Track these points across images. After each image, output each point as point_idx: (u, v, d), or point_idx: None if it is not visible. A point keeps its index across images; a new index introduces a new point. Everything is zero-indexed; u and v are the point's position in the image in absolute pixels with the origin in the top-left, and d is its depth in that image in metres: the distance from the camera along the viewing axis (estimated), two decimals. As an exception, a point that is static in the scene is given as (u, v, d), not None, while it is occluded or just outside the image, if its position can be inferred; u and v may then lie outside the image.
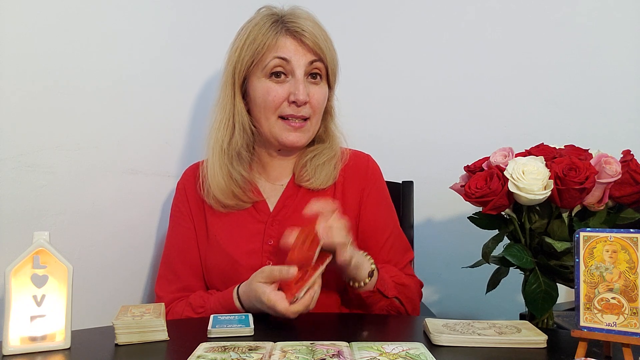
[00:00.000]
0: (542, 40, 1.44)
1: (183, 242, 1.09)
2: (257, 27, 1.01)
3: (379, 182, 1.12)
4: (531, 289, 0.88)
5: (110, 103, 1.11)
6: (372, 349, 0.70)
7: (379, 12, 1.57)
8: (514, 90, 1.47)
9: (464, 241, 1.21)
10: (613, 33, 1.40)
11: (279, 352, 0.69)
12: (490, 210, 0.89)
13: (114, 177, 1.13)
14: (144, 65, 1.20)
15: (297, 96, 0.99)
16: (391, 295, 0.97)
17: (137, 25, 1.17)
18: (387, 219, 1.11)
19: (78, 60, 1.03)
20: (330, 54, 1.04)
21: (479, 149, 1.03)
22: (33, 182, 0.95)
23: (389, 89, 1.56)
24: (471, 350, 0.73)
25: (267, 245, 1.03)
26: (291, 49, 1.00)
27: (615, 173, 0.85)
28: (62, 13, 0.99)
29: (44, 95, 0.96)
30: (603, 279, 0.66)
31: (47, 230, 0.76)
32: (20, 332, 0.73)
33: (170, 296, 1.05)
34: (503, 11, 1.47)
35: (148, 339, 0.77)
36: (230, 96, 1.05)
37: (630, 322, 0.64)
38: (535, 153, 0.92)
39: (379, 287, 0.95)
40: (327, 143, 1.11)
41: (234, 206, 1.06)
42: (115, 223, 1.14)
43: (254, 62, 1.02)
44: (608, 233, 0.66)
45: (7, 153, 0.90)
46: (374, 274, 0.94)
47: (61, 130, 1.00)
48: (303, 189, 1.08)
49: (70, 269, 0.75)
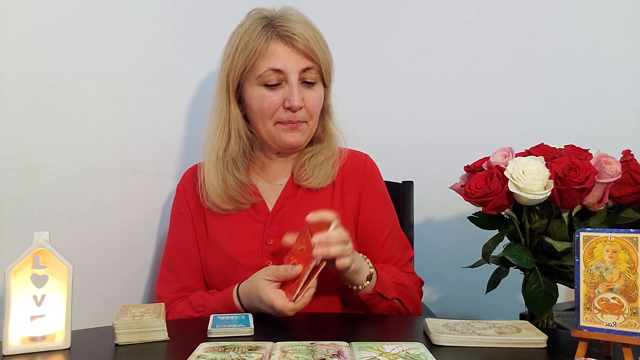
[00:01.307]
0: (542, 41, 1.44)
1: (183, 243, 1.09)
2: (248, 32, 1.01)
3: (378, 181, 1.12)
4: (531, 289, 0.88)
5: (110, 103, 1.11)
6: (372, 349, 0.70)
7: (379, 12, 1.57)
8: (513, 90, 1.47)
9: (464, 241, 1.21)
10: (613, 33, 1.40)
11: (279, 352, 0.69)
12: (490, 210, 0.89)
13: (114, 177, 1.13)
14: (144, 65, 1.20)
15: (291, 102, 0.99)
16: (391, 296, 0.97)
17: (137, 25, 1.17)
18: (387, 217, 1.11)
19: (78, 60, 1.03)
20: (322, 54, 1.03)
21: (479, 149, 1.03)
22: (33, 182, 0.95)
23: (389, 89, 1.57)
24: (471, 350, 0.73)
25: (267, 245, 1.03)
26: (283, 55, 1.00)
27: (615, 173, 0.85)
28: (62, 13, 0.99)
29: (44, 95, 0.96)
30: (603, 279, 0.66)
31: (47, 230, 0.76)
32: (20, 332, 0.73)
33: (171, 296, 1.05)
34: (503, 11, 1.47)
35: (148, 339, 0.77)
36: (225, 102, 1.06)
37: (630, 322, 0.64)
38: (535, 153, 0.92)
39: (378, 289, 0.95)
40: (326, 142, 1.11)
41: (232, 209, 1.06)
42: (115, 223, 1.14)
43: (246, 69, 1.02)
44: (608, 233, 0.66)
45: (7, 153, 0.90)
46: (373, 277, 0.94)
47: (61, 130, 1.00)
48: (302, 189, 1.08)
49: (70, 269, 0.75)
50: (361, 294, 0.94)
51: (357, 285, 0.93)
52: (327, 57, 1.05)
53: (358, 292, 0.94)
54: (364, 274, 0.93)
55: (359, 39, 1.57)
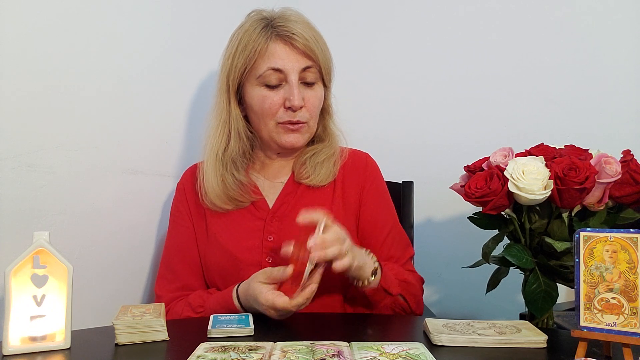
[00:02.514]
0: (542, 40, 1.44)
1: (182, 242, 1.09)
2: (248, 33, 1.01)
3: (378, 180, 1.12)
4: (531, 289, 0.88)
5: (110, 103, 1.11)
6: (372, 349, 0.70)
7: (379, 12, 1.57)
8: (514, 90, 1.46)
9: (464, 241, 1.21)
10: (613, 33, 1.40)
11: (279, 352, 0.69)
12: (490, 210, 0.89)
13: (114, 177, 1.13)
14: (144, 65, 1.20)
15: (292, 102, 0.99)
16: (395, 292, 0.97)
17: (137, 25, 1.17)
18: (387, 216, 1.11)
19: (78, 60, 1.03)
20: (322, 54, 1.04)
21: (479, 149, 1.03)
22: (33, 182, 0.95)
23: (389, 89, 1.57)
24: (471, 350, 0.73)
25: (267, 241, 1.03)
26: (283, 55, 1.00)
27: (615, 173, 0.85)
28: (62, 13, 0.99)
29: (44, 95, 0.96)
30: (603, 279, 0.66)
31: (47, 230, 0.76)
32: (20, 332, 0.73)
33: (170, 295, 1.05)
34: (503, 11, 1.47)
35: (148, 339, 0.77)
36: (226, 102, 1.06)
37: (630, 322, 0.64)
38: (535, 153, 0.92)
39: (383, 284, 0.95)
40: (327, 142, 1.11)
41: (231, 208, 1.06)
42: (115, 223, 1.14)
43: (246, 69, 1.02)
44: (608, 233, 0.66)
45: (7, 153, 0.90)
46: (378, 272, 0.94)
47: (61, 130, 1.00)
48: (302, 186, 1.08)
49: (70, 269, 0.75)
50: (367, 289, 0.94)
51: (362, 280, 0.92)
52: (326, 57, 1.06)
53: (363, 287, 0.93)
54: (369, 268, 0.92)
55: (359, 39, 1.57)
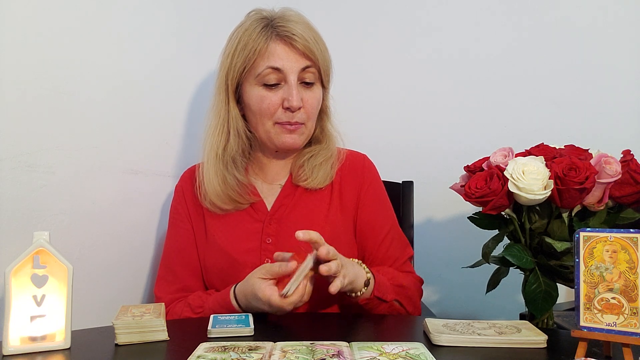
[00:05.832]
0: (542, 41, 1.44)
1: (181, 244, 1.09)
2: (248, 32, 1.01)
3: (376, 181, 1.12)
4: (531, 289, 0.88)
5: (110, 103, 1.11)
6: (372, 349, 0.70)
7: (379, 13, 1.57)
8: (514, 90, 1.46)
9: (464, 241, 1.21)
10: (613, 33, 1.40)
11: (279, 352, 0.68)
12: (490, 210, 0.89)
13: (114, 177, 1.13)
14: (144, 66, 1.20)
15: (290, 102, 0.99)
16: (390, 299, 0.97)
17: (138, 26, 1.17)
18: (385, 217, 1.11)
19: (78, 60, 1.02)
20: (321, 55, 1.04)
21: (479, 149, 1.03)
22: (33, 182, 0.95)
23: (389, 89, 1.56)
24: (471, 350, 0.73)
25: (266, 243, 1.04)
26: (282, 55, 1.00)
27: (615, 173, 0.85)
28: (63, 14, 0.99)
29: (44, 96, 0.96)
30: (603, 279, 0.66)
31: (47, 230, 0.76)
32: (20, 332, 0.73)
33: (169, 297, 1.05)
34: (503, 12, 1.47)
35: (148, 339, 0.77)
36: (224, 102, 1.06)
37: (630, 322, 0.64)
38: (535, 153, 0.92)
39: (377, 293, 0.95)
40: (324, 143, 1.11)
41: (231, 209, 1.06)
42: (115, 223, 1.14)
43: (246, 69, 1.02)
44: (608, 233, 0.66)
45: (6, 153, 0.90)
46: (370, 282, 0.94)
47: (61, 130, 1.00)
48: (300, 188, 1.08)
49: (70, 269, 0.75)
50: (360, 299, 0.94)
51: (355, 292, 0.92)
52: (325, 58, 1.05)
53: (356, 298, 0.93)
54: (361, 280, 0.92)
55: (358, 40, 1.57)
